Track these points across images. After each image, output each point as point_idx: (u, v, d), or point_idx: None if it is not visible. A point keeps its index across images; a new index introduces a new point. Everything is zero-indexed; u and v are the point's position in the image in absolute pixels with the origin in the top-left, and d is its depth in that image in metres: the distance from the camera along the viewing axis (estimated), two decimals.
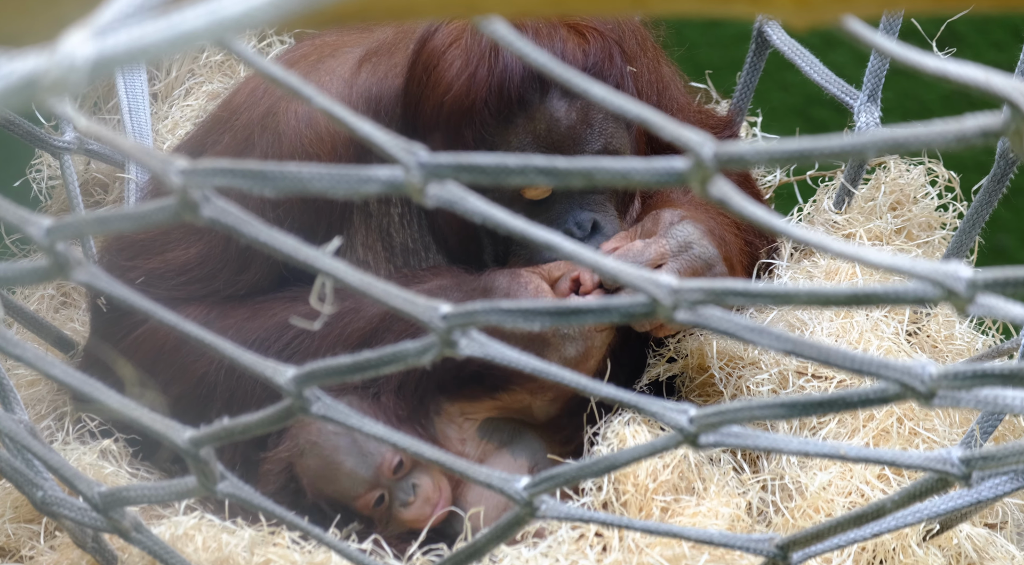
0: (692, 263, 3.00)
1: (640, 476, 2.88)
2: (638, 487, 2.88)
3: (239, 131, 3.12)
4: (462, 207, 1.77)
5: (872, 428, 3.00)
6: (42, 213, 3.60)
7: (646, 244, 3.00)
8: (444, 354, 1.94)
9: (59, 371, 2.03)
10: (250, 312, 3.07)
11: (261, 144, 3.09)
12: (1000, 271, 1.72)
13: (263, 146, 3.09)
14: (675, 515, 2.86)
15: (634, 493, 2.88)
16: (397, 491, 2.96)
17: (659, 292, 1.81)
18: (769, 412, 1.95)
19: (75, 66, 1.29)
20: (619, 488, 2.88)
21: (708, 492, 2.90)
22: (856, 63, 3.50)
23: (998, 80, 1.59)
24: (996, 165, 3.15)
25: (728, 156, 1.69)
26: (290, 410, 2.12)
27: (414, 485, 2.96)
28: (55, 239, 1.78)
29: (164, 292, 3.10)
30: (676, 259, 2.99)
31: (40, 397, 3.27)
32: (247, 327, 3.04)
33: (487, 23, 1.72)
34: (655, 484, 2.88)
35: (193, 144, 3.21)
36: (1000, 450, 2.03)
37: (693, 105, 3.41)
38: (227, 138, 3.14)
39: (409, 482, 2.96)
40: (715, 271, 3.02)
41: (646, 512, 2.87)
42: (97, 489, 2.46)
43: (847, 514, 2.26)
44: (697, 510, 2.86)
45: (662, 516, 2.87)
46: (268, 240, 1.81)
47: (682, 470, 2.91)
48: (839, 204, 3.45)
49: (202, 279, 3.10)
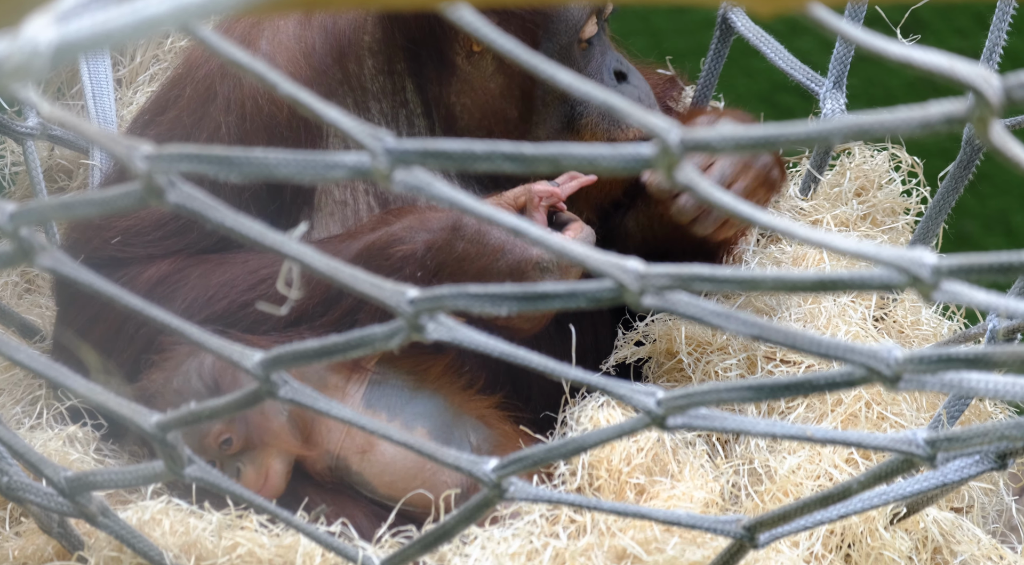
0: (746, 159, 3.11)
1: (614, 461, 2.89)
2: (611, 472, 2.88)
3: (200, 82, 3.12)
4: (429, 193, 1.77)
5: (840, 413, 3.01)
6: (5, 199, 3.58)
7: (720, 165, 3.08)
8: (412, 338, 1.95)
9: (24, 356, 2.02)
10: (221, 258, 3.06)
11: (223, 90, 3.09)
12: (964, 258, 1.73)
13: (225, 92, 3.09)
14: (650, 498, 2.87)
15: (607, 478, 2.88)
16: (225, 467, 2.95)
17: (625, 277, 1.81)
18: (737, 395, 1.96)
19: (38, 51, 1.28)
20: (593, 473, 2.89)
21: (683, 474, 2.90)
22: (821, 50, 3.51)
23: (962, 67, 1.60)
24: (962, 151, 3.16)
25: (694, 142, 1.70)
26: (257, 394, 2.12)
27: (238, 468, 2.95)
28: (19, 224, 1.77)
29: (141, 249, 3.09)
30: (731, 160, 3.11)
31: (16, 381, 3.26)
32: (217, 271, 3.03)
33: (454, 9, 1.72)
34: (629, 468, 2.88)
35: (157, 104, 3.20)
36: (965, 432, 2.04)
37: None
38: (189, 91, 3.13)
39: (235, 464, 2.95)
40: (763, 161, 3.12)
41: (619, 496, 2.88)
42: (63, 474, 2.46)
43: (813, 495, 2.27)
44: (672, 494, 2.87)
45: (636, 499, 2.87)
46: (234, 225, 1.81)
47: (656, 453, 2.91)
48: (805, 191, 3.46)
49: (177, 233, 3.09)
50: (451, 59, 3.12)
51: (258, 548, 2.73)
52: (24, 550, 2.87)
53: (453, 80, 3.15)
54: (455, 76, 3.14)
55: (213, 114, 3.09)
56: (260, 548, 2.73)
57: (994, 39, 3.12)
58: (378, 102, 3.17)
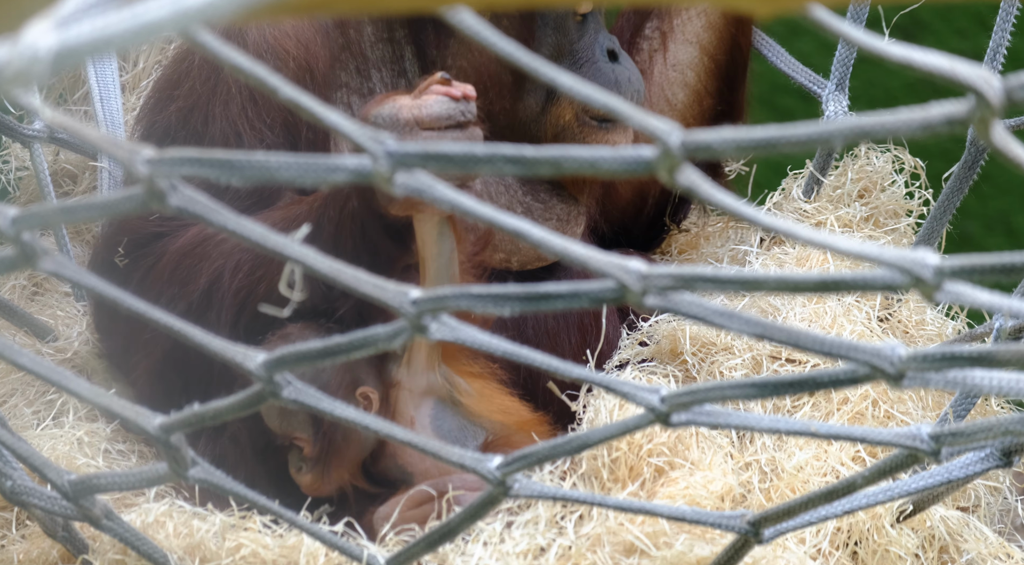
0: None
1: (636, 434, 2.85)
2: (631, 445, 2.86)
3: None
4: (431, 196, 1.77)
5: (847, 411, 3.01)
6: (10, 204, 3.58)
7: None
8: (415, 339, 1.95)
9: (27, 360, 2.02)
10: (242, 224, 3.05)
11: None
12: (966, 258, 1.73)
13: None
14: (667, 484, 2.85)
15: (627, 451, 2.86)
16: (290, 456, 2.97)
17: (628, 278, 1.81)
18: (740, 392, 1.96)
19: (38, 57, 1.28)
20: (613, 444, 2.85)
21: (704, 463, 2.88)
22: (822, 52, 3.51)
23: (963, 68, 1.60)
24: (967, 153, 3.15)
25: (695, 144, 1.70)
26: (260, 395, 2.12)
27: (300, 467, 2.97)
28: (21, 229, 1.78)
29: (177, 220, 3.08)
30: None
31: (29, 381, 3.26)
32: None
33: (455, 14, 1.72)
34: (651, 444, 2.86)
35: (169, 80, 3.19)
36: (969, 427, 2.05)
37: None
38: (198, 59, 3.13)
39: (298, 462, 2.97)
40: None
41: (635, 472, 2.86)
42: (67, 477, 2.46)
43: (818, 490, 2.27)
44: (689, 482, 2.85)
45: (653, 480, 2.86)
46: (236, 228, 1.81)
47: (680, 434, 2.88)
48: (808, 192, 3.45)
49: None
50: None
51: (262, 549, 2.73)
52: (29, 553, 2.88)
53: (451, 42, 3.15)
54: (453, 38, 3.14)
55: (224, 78, 3.09)
56: (264, 549, 2.73)
57: (998, 40, 3.11)
58: (378, 71, 3.17)
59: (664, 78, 3.42)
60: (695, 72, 3.41)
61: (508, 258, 3.21)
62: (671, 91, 3.43)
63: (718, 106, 3.44)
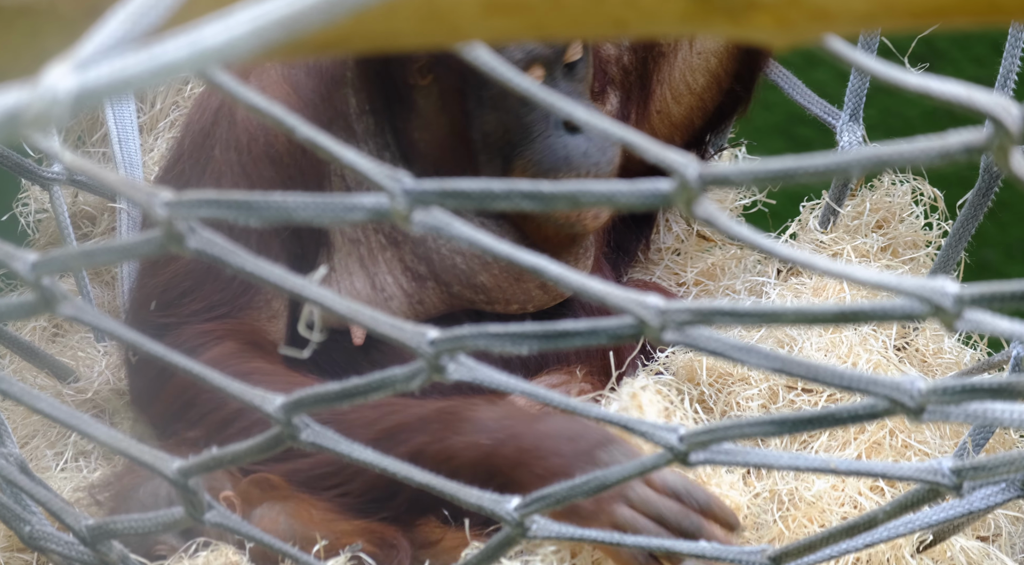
0: None
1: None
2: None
3: (197, 132, 3.14)
4: (448, 233, 1.76)
5: (864, 440, 3.00)
6: (30, 247, 3.59)
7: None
8: (433, 379, 1.94)
9: (45, 404, 2.02)
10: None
11: (219, 133, 3.10)
12: (986, 286, 1.72)
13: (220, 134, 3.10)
14: None
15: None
16: None
17: (646, 313, 1.80)
18: (759, 429, 1.95)
19: (57, 99, 1.28)
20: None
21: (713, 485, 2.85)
22: (839, 81, 3.52)
23: (980, 96, 1.59)
24: (980, 179, 3.16)
25: (713, 176, 1.69)
26: (279, 438, 2.11)
27: None
28: (41, 273, 1.77)
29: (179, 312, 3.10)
30: None
31: (51, 423, 3.27)
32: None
33: (469, 49, 1.72)
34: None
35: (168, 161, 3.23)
36: (990, 460, 2.03)
37: None
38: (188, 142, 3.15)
39: None
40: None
41: None
42: (84, 522, 2.45)
43: (839, 525, 2.26)
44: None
45: None
46: (255, 270, 1.81)
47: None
48: (824, 223, 3.45)
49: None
50: (408, 93, 3.12)
51: None
52: None
53: (412, 115, 3.14)
54: (413, 111, 3.13)
55: (215, 157, 3.11)
56: None
57: (1008, 66, 3.12)
58: (365, 144, 3.16)
59: (687, 64, 3.42)
60: (718, 59, 3.42)
61: (523, 307, 3.21)
62: (692, 77, 3.43)
63: (736, 86, 3.45)
